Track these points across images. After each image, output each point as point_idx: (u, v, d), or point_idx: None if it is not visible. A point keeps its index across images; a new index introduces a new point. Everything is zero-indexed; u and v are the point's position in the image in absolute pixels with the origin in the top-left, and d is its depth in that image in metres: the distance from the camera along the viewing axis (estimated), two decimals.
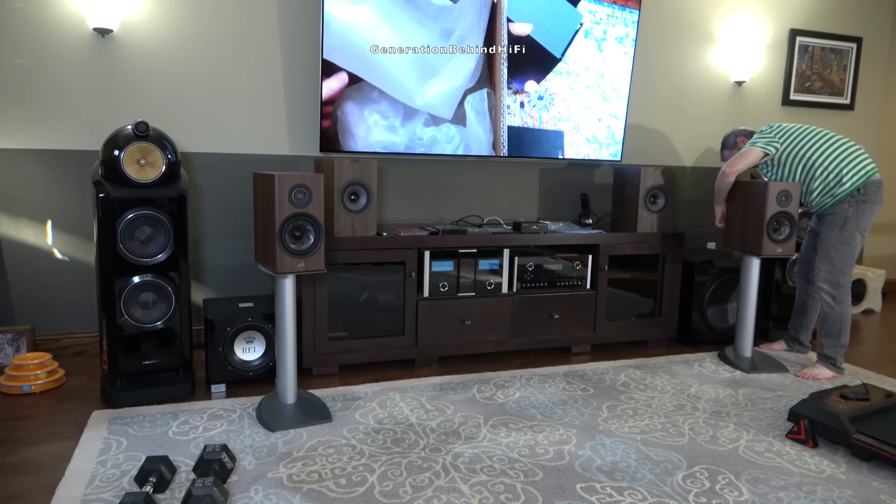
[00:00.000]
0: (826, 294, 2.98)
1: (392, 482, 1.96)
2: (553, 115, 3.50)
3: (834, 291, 2.96)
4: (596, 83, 3.57)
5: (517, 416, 2.49)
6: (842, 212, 2.94)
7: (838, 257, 2.95)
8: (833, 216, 2.97)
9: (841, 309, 2.96)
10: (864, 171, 2.91)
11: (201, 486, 1.73)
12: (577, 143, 3.60)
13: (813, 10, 4.36)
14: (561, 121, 3.53)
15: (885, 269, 4.99)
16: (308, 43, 3.26)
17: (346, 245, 2.85)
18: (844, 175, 2.91)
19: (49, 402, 2.54)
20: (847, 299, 2.97)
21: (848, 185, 2.91)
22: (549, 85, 3.47)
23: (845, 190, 2.91)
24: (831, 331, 2.99)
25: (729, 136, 3.39)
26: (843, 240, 2.94)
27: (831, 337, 3.00)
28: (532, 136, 3.49)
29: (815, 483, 2.03)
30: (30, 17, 2.86)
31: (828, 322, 3.01)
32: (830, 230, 2.97)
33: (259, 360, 2.74)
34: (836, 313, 2.97)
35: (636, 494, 1.93)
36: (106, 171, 2.41)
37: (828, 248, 2.97)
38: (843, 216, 2.94)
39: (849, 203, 2.93)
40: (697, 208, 4.25)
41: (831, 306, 2.98)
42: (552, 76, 3.45)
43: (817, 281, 3.01)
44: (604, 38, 3.51)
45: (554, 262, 3.25)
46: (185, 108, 3.13)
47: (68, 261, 3.06)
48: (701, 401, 2.70)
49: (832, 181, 2.93)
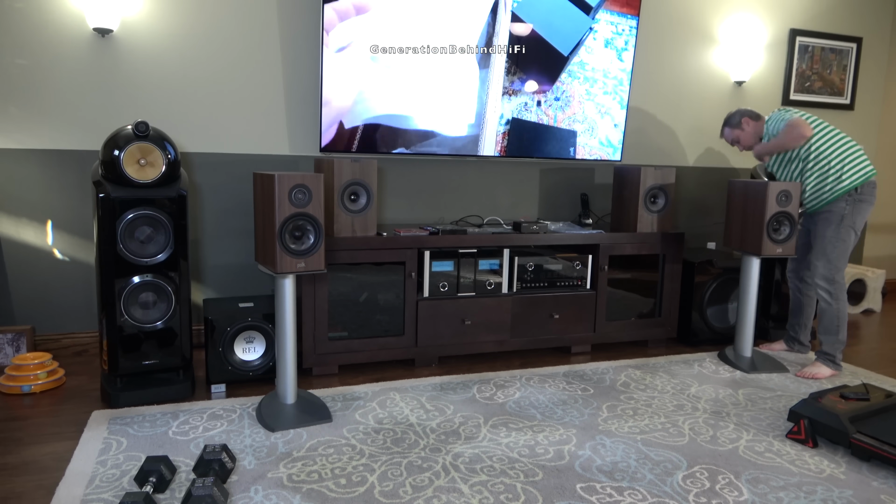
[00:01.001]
0: (823, 291, 3.00)
1: (392, 482, 1.96)
2: (568, 116, 3.53)
3: (830, 288, 2.98)
4: (614, 90, 3.61)
5: (517, 416, 2.49)
6: (838, 209, 2.96)
7: (834, 254, 2.97)
8: (829, 213, 2.98)
9: (838, 305, 2.99)
10: (864, 171, 2.92)
11: (201, 486, 1.73)
12: (591, 144, 3.63)
13: (813, 10, 4.36)
14: (576, 122, 3.56)
15: (885, 269, 4.99)
16: (308, 42, 3.25)
17: (346, 245, 2.85)
18: (844, 172, 2.92)
19: (49, 402, 2.54)
20: (843, 295, 2.99)
21: (847, 183, 2.92)
22: (566, 87, 3.49)
23: (844, 187, 2.92)
24: (829, 327, 3.01)
25: (734, 114, 3.21)
26: (839, 237, 2.96)
27: (830, 333, 3.02)
28: (544, 132, 3.51)
29: (815, 483, 2.03)
30: (30, 18, 2.86)
31: (825, 319, 3.02)
32: (826, 227, 2.99)
33: (259, 360, 2.74)
34: (834, 309, 2.99)
35: (636, 494, 1.93)
36: (106, 171, 2.41)
37: (824, 245, 2.99)
38: (839, 214, 2.96)
39: (846, 201, 2.95)
40: (697, 208, 4.25)
41: (828, 302, 2.99)
42: (568, 78, 3.47)
43: (814, 278, 3.03)
44: (625, 49, 3.57)
45: (554, 262, 3.25)
46: (185, 108, 3.13)
47: (68, 261, 3.06)
48: (701, 401, 2.70)
49: (831, 176, 2.94)
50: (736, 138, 3.20)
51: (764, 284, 3.69)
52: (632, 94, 3.91)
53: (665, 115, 4.06)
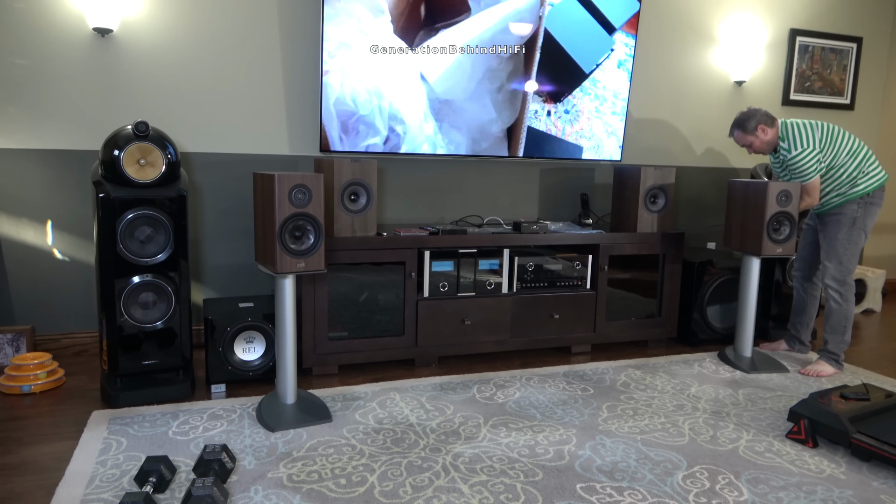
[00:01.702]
0: (833, 291, 3.02)
1: (392, 482, 1.96)
2: (576, 130, 3.54)
3: (841, 289, 3.00)
4: (622, 111, 3.65)
5: (517, 416, 2.49)
6: (850, 212, 2.98)
7: (846, 256, 2.99)
8: (840, 216, 3.00)
9: (847, 306, 3.01)
10: (877, 178, 2.96)
11: (201, 486, 1.73)
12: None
13: (813, 10, 4.36)
14: (583, 137, 3.58)
15: (885, 269, 4.99)
16: (308, 42, 3.25)
17: (346, 245, 2.85)
18: (860, 178, 2.96)
19: (49, 402, 2.53)
20: (852, 297, 3.02)
21: (861, 188, 2.96)
22: (576, 101, 3.51)
23: (857, 192, 2.96)
24: (836, 327, 3.03)
25: (749, 118, 3.02)
26: (851, 239, 2.99)
27: (836, 333, 3.03)
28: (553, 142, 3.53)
29: (815, 483, 2.03)
30: (30, 18, 2.86)
31: (833, 318, 3.04)
32: (838, 229, 3.00)
33: (259, 360, 2.74)
34: (843, 310, 3.01)
35: (636, 494, 1.93)
36: (106, 171, 2.41)
37: (836, 246, 3.01)
38: (851, 216, 2.98)
39: (858, 204, 2.97)
40: (697, 208, 4.25)
41: (838, 303, 3.01)
42: (579, 93, 3.49)
43: (825, 279, 3.05)
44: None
45: (554, 262, 3.25)
46: (185, 108, 3.13)
47: (68, 261, 3.06)
48: (701, 401, 2.70)
49: (846, 183, 2.97)
50: (748, 143, 3.08)
51: (764, 284, 3.68)
52: (632, 93, 3.91)
53: (665, 115, 4.05)
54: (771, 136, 3.03)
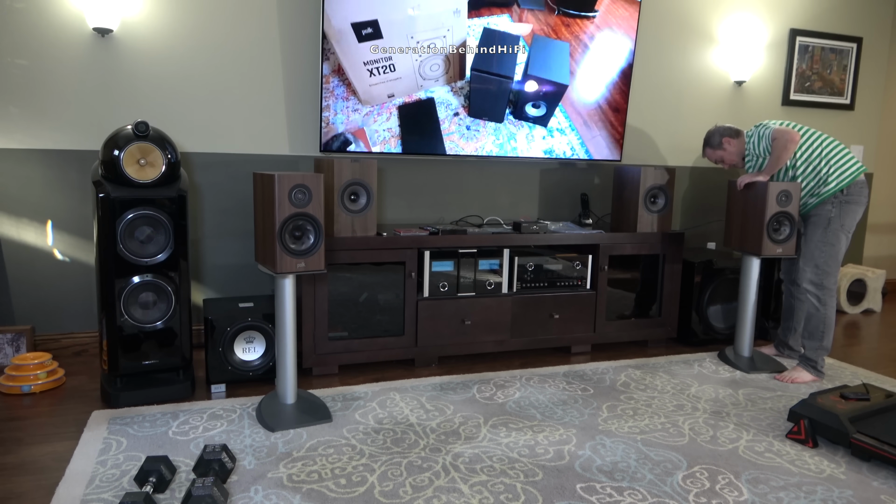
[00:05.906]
0: (811, 295, 2.96)
1: (392, 482, 1.96)
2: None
3: (819, 293, 2.94)
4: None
5: (517, 416, 2.49)
6: (825, 213, 2.93)
7: (822, 258, 2.93)
8: (816, 217, 2.96)
9: (825, 311, 2.94)
10: (848, 173, 2.89)
11: (201, 486, 1.73)
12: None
13: (813, 10, 4.36)
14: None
15: (885, 269, 4.99)
16: (308, 42, 3.25)
17: (346, 245, 2.85)
18: (830, 174, 2.90)
19: (49, 402, 2.54)
20: (832, 301, 2.94)
21: (833, 186, 2.90)
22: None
23: (829, 190, 2.90)
24: (814, 332, 2.96)
25: (713, 134, 3.18)
26: (826, 241, 2.93)
27: (814, 339, 2.97)
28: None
29: (815, 483, 2.03)
30: (30, 18, 2.86)
31: (811, 324, 2.98)
32: (814, 231, 2.96)
33: (259, 360, 2.74)
34: (821, 315, 2.94)
35: (636, 494, 1.93)
36: (106, 171, 2.41)
37: (812, 249, 2.96)
38: (826, 217, 2.93)
39: (832, 204, 2.92)
40: (697, 208, 4.25)
41: (816, 307, 2.95)
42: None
43: (802, 282, 2.99)
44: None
45: (554, 262, 3.25)
46: (185, 108, 3.13)
47: (68, 261, 3.06)
48: (701, 401, 2.70)
49: (817, 182, 2.93)
50: (719, 158, 3.20)
51: (764, 284, 3.68)
52: (632, 93, 3.91)
53: (665, 115, 4.06)
54: (737, 147, 3.13)
